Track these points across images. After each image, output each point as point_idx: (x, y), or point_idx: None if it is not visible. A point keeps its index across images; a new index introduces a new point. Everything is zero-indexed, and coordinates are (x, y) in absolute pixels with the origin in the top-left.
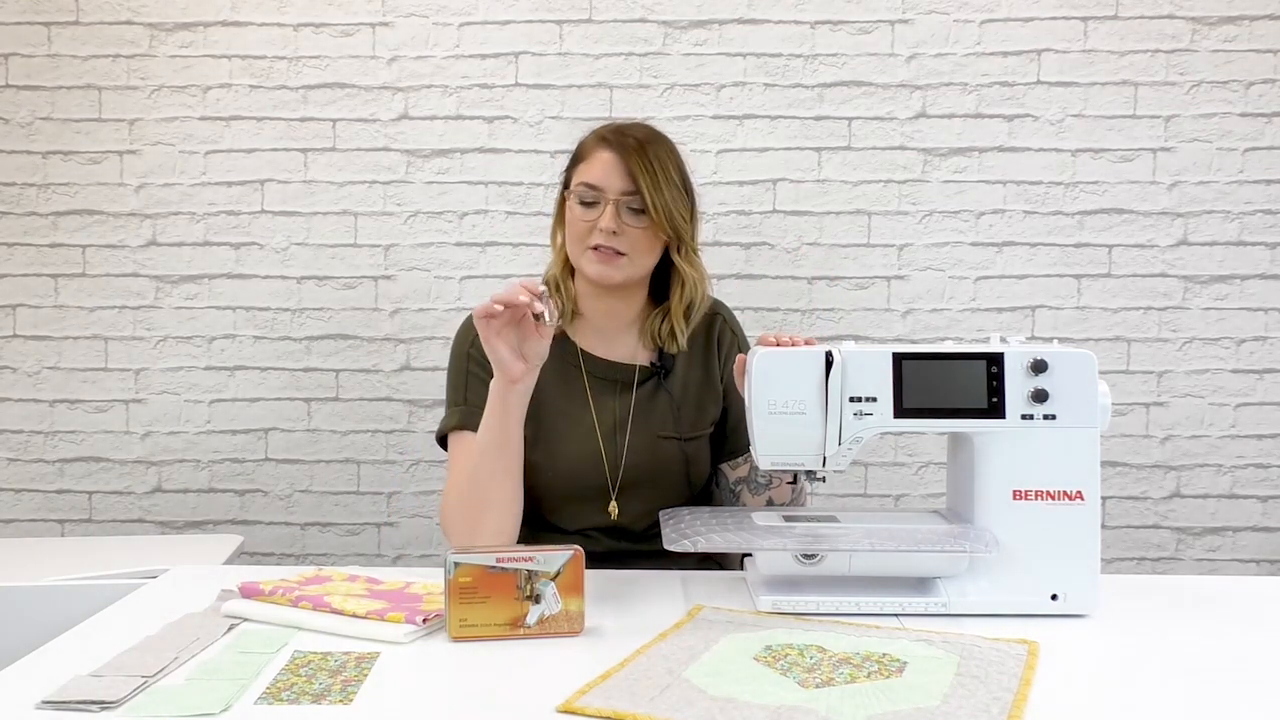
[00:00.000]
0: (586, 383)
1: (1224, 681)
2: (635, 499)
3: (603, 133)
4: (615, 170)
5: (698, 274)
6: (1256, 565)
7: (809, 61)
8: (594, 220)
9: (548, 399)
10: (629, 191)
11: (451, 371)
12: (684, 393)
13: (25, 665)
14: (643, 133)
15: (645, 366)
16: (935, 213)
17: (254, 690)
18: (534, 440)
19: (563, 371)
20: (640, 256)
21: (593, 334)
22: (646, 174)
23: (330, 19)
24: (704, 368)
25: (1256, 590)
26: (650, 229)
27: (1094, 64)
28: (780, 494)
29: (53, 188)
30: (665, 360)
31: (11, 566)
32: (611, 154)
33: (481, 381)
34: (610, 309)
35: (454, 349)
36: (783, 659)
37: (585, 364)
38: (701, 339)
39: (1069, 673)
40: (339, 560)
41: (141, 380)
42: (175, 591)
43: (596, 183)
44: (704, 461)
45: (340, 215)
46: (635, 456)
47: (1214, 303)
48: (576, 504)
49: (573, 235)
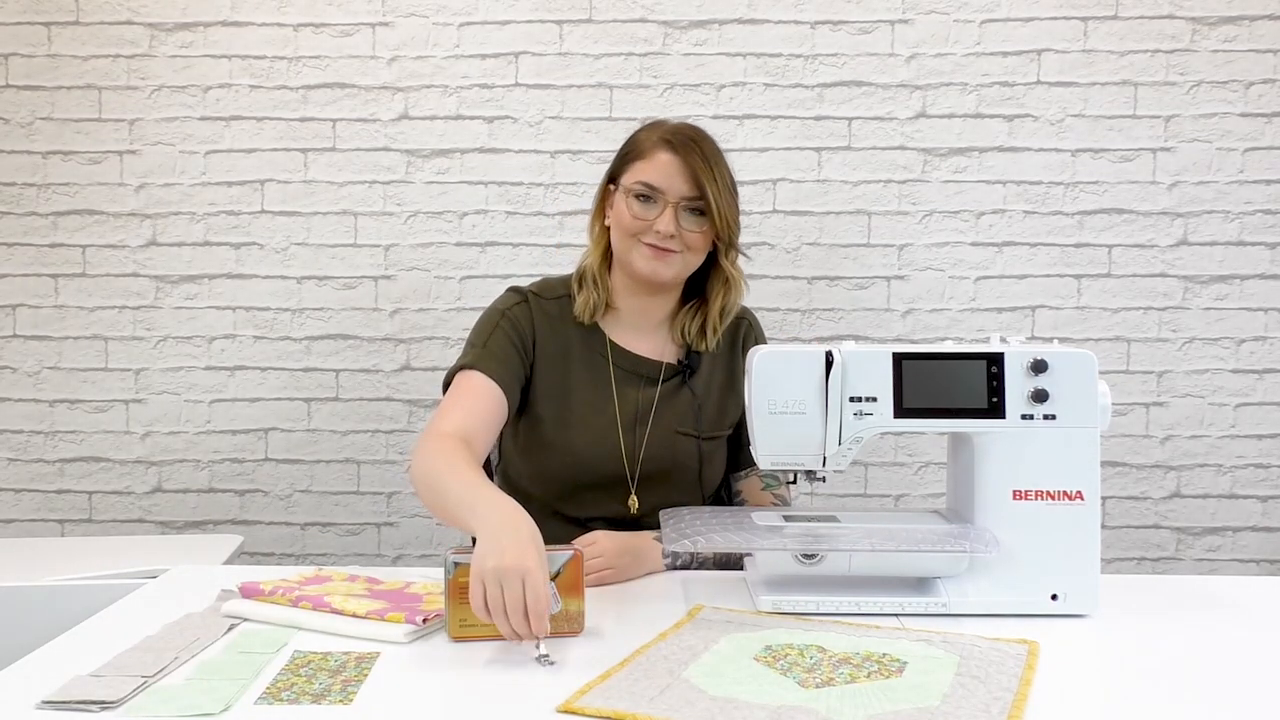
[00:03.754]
0: (612, 374)
1: (1224, 681)
2: (651, 493)
3: (663, 133)
4: (678, 173)
5: (740, 276)
6: (1256, 565)
7: (809, 61)
8: (650, 219)
9: (574, 385)
10: (689, 196)
11: (481, 323)
12: (706, 393)
13: (25, 665)
14: (698, 135)
15: (672, 364)
16: (935, 213)
17: (254, 690)
18: (555, 421)
19: (590, 360)
20: (692, 257)
21: (623, 328)
22: (711, 180)
23: (330, 19)
24: (728, 370)
25: (1256, 590)
26: (705, 232)
27: (1094, 64)
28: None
29: (53, 188)
30: (692, 359)
31: (11, 566)
32: (673, 156)
33: (508, 340)
34: (645, 306)
35: (488, 311)
36: (783, 659)
37: (613, 356)
38: (726, 341)
39: (1069, 673)
40: (339, 560)
41: (141, 380)
42: (175, 591)
43: (657, 184)
44: (719, 463)
45: (340, 215)
46: (653, 450)
47: (1214, 303)
48: (591, 492)
49: (624, 230)
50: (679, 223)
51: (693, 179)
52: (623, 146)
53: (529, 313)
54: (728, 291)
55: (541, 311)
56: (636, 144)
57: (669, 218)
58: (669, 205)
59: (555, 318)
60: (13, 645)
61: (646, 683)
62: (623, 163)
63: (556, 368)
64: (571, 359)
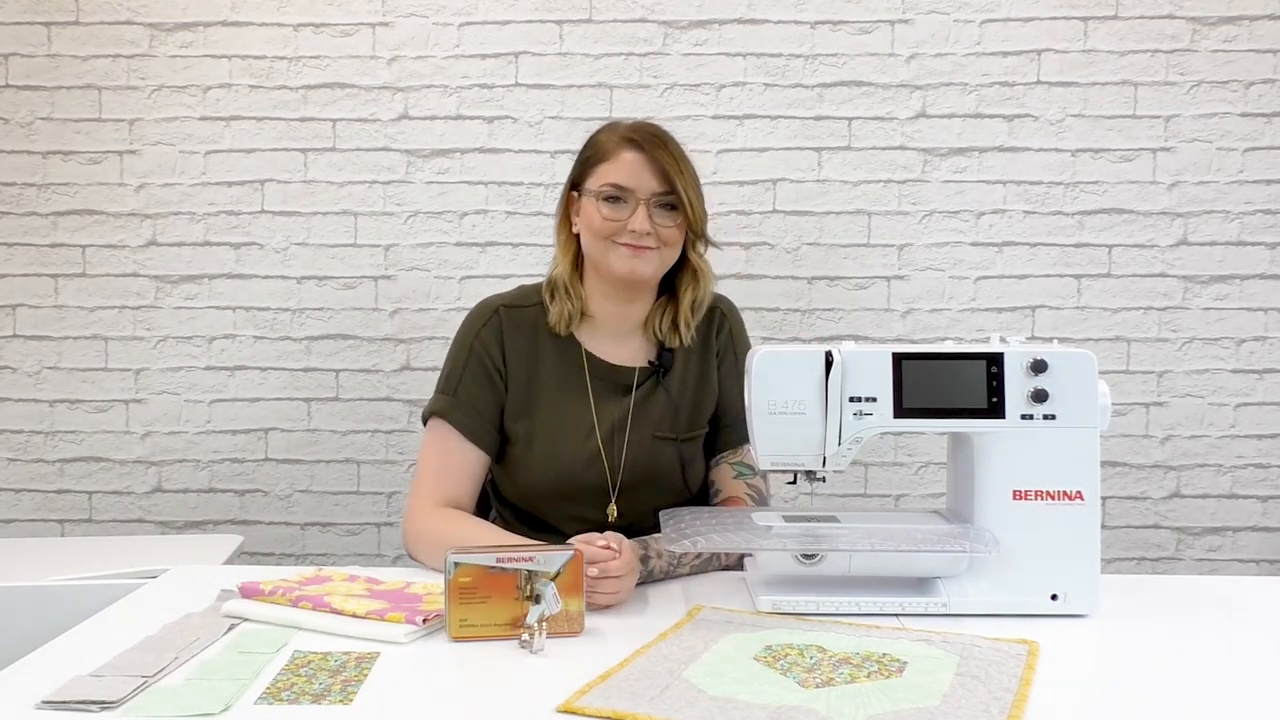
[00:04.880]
0: (590, 386)
1: (1224, 681)
2: (634, 501)
3: (623, 132)
4: (645, 170)
5: (708, 267)
6: (1256, 565)
7: (809, 61)
8: (622, 219)
9: (549, 400)
10: (659, 192)
11: (451, 353)
12: (682, 391)
13: (25, 665)
14: (659, 131)
15: (645, 367)
16: (935, 213)
17: (254, 690)
18: (532, 436)
19: (565, 373)
20: (669, 252)
21: (600, 337)
22: (679, 174)
23: (330, 19)
24: (701, 364)
25: (1256, 590)
26: (679, 226)
27: (1094, 64)
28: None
29: (53, 188)
30: (664, 359)
31: (11, 566)
32: (639, 154)
33: (479, 377)
34: (623, 312)
35: (461, 333)
36: (783, 659)
37: (589, 367)
38: (701, 334)
39: (1069, 673)
40: (339, 560)
41: (141, 380)
42: (175, 591)
43: (626, 183)
44: (700, 462)
45: (340, 215)
46: (634, 458)
47: (1214, 303)
48: (573, 504)
49: (596, 233)
50: (652, 219)
51: (661, 174)
52: (581, 152)
53: (499, 331)
54: (696, 284)
55: (514, 325)
56: (597, 146)
57: (642, 215)
58: (640, 203)
59: (529, 329)
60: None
61: (647, 682)
62: (585, 167)
63: (530, 384)
64: (546, 373)
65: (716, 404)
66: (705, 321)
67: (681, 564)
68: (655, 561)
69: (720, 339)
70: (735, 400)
